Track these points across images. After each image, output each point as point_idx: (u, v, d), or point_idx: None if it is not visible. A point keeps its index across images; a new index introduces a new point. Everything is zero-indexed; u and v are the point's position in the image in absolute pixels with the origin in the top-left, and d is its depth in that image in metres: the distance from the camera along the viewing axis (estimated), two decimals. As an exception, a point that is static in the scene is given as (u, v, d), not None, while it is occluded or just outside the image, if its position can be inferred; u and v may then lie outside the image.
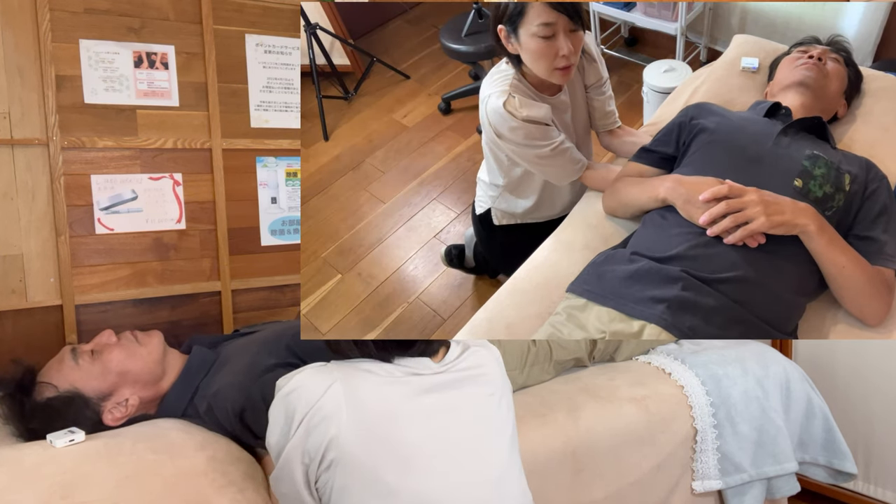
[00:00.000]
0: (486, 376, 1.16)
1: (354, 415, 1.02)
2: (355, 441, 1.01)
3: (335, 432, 1.01)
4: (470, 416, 1.11)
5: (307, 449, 1.03)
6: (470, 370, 1.14)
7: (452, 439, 1.08)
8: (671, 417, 1.71)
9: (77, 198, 1.89)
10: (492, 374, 1.17)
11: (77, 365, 1.44)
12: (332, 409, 1.02)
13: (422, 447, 1.05)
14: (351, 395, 1.03)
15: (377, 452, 1.03)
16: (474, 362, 1.16)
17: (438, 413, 1.08)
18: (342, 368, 1.08)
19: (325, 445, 1.01)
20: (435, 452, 1.06)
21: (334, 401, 1.02)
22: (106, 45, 1.91)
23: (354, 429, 1.02)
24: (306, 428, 1.02)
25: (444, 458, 1.06)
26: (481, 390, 1.14)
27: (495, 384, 1.16)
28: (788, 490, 1.82)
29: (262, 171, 2.17)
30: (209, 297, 2.10)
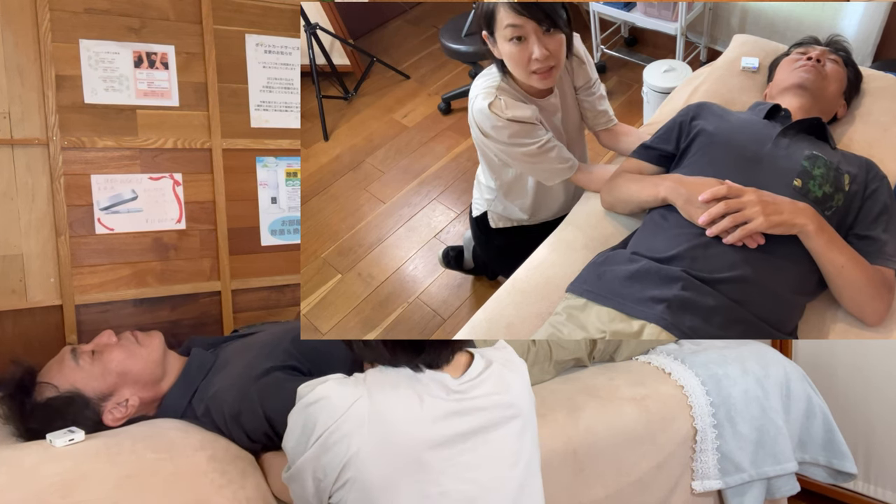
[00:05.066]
0: (509, 402, 1.11)
1: (376, 435, 0.99)
2: (374, 462, 0.99)
3: (355, 451, 0.99)
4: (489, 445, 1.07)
5: (321, 465, 1.00)
6: (491, 397, 1.09)
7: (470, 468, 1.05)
8: (671, 417, 1.71)
9: (77, 198, 1.90)
10: (516, 400, 1.12)
11: (77, 365, 1.44)
12: (354, 426, 0.99)
13: (440, 474, 1.02)
14: (375, 414, 1.00)
15: (394, 476, 1.00)
16: (497, 387, 1.10)
17: (459, 441, 1.04)
18: (369, 383, 1.04)
19: (343, 464, 0.99)
20: (452, 480, 1.03)
21: (357, 418, 0.99)
22: (106, 45, 1.91)
23: (374, 450, 0.99)
24: (323, 445, 1.00)
25: (461, 485, 1.04)
26: (502, 416, 1.09)
27: (517, 408, 1.12)
28: (788, 490, 1.82)
29: (262, 171, 2.17)
30: (209, 297, 2.10)
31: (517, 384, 1.14)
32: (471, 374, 1.09)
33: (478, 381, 1.09)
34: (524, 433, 1.12)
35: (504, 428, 1.09)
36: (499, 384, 1.11)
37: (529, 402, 1.16)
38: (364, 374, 1.07)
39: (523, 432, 1.12)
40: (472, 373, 1.10)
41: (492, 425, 1.08)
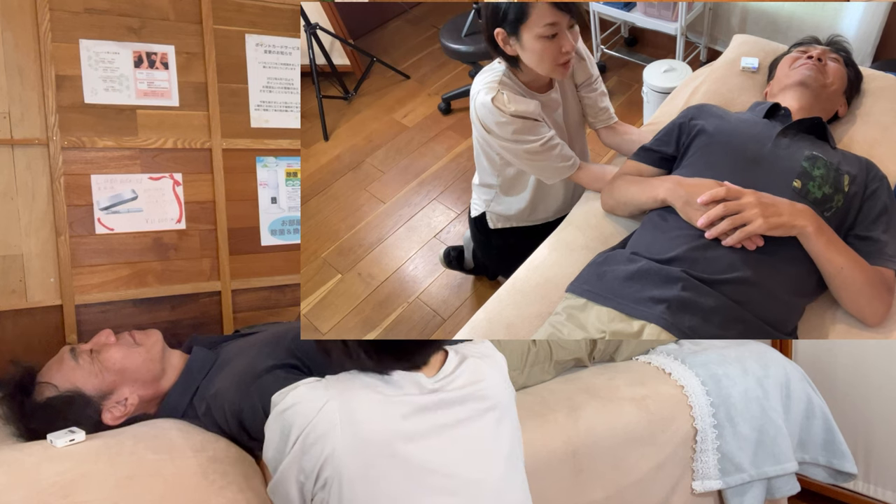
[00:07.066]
0: (484, 393, 1.12)
1: (349, 434, 1.01)
2: (350, 461, 1.01)
3: (330, 451, 1.01)
4: (465, 436, 1.09)
5: (302, 467, 1.02)
6: (465, 388, 1.11)
7: (448, 460, 1.06)
8: (671, 417, 1.71)
9: (77, 198, 1.89)
10: (490, 388, 1.13)
11: (77, 364, 1.44)
12: (327, 427, 1.01)
13: (417, 468, 1.04)
14: (346, 413, 1.02)
15: (372, 472, 1.02)
16: (472, 378, 1.12)
17: (433, 434, 1.06)
18: (338, 385, 1.06)
19: (321, 464, 1.01)
20: (430, 473, 1.05)
21: (329, 419, 1.02)
22: (106, 45, 1.91)
23: (349, 448, 1.01)
24: (302, 446, 1.02)
25: (439, 478, 1.05)
26: (477, 407, 1.11)
27: (493, 399, 1.13)
28: (788, 490, 1.82)
29: (262, 171, 2.17)
30: (209, 296, 2.10)
31: (493, 376, 1.15)
32: (445, 372, 1.11)
33: (452, 377, 1.11)
34: (501, 425, 1.13)
35: (481, 420, 1.11)
36: (473, 376, 1.13)
37: (508, 395, 1.18)
38: (337, 376, 1.09)
39: (500, 424, 1.13)
40: (446, 370, 1.12)
41: (467, 418, 1.10)
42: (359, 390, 1.06)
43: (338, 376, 1.10)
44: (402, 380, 1.08)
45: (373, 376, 1.08)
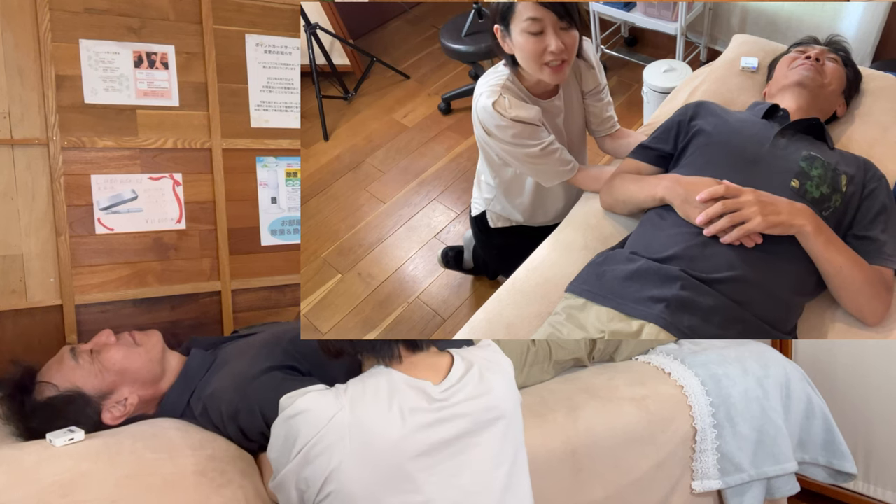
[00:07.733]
0: (490, 404, 1.11)
1: (357, 448, 1.00)
2: (356, 475, 1.00)
3: (336, 464, 1.00)
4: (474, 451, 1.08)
5: (304, 477, 1.02)
6: (472, 401, 1.09)
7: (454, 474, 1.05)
8: (671, 417, 1.71)
9: (77, 198, 1.90)
10: (496, 399, 1.12)
11: (77, 364, 1.44)
12: (335, 439, 1.00)
13: (423, 483, 1.03)
14: (355, 427, 1.01)
15: (377, 487, 1.01)
16: (478, 390, 1.11)
17: (441, 448, 1.05)
18: (348, 395, 1.05)
19: (325, 477, 1.00)
20: (435, 487, 1.04)
21: (338, 431, 1.00)
22: (106, 45, 1.92)
23: (356, 462, 1.00)
24: (305, 457, 1.01)
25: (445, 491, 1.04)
26: (484, 420, 1.10)
27: (499, 409, 1.12)
28: (788, 490, 1.82)
29: (262, 171, 2.17)
30: (209, 297, 2.10)
31: (500, 385, 1.14)
32: (451, 380, 1.10)
33: (459, 387, 1.09)
34: (507, 434, 1.12)
35: (487, 432, 1.10)
36: (480, 387, 1.11)
37: (514, 402, 1.17)
38: (345, 385, 1.08)
39: (506, 433, 1.12)
40: (452, 378, 1.10)
41: (474, 430, 1.08)
42: (370, 402, 1.04)
43: (349, 384, 1.08)
44: (410, 389, 1.07)
45: (382, 385, 1.07)
